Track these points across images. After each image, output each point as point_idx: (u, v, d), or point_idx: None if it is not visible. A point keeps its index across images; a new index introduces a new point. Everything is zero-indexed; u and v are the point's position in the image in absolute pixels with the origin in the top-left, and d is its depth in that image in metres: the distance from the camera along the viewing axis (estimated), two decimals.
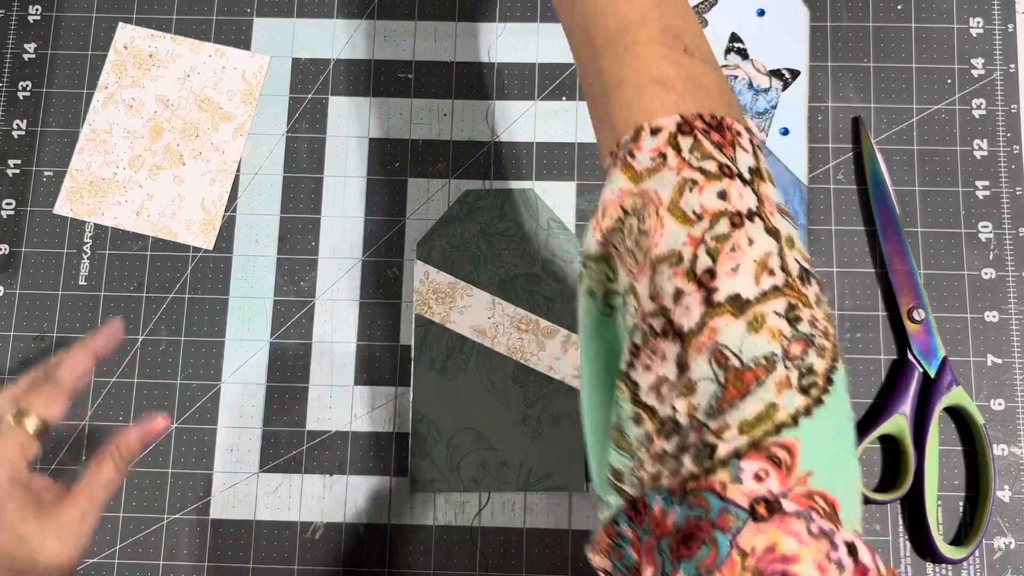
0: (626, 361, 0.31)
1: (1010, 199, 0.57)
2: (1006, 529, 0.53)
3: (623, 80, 0.34)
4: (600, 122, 0.35)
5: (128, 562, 0.54)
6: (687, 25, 0.35)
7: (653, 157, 0.31)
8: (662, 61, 0.33)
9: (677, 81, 0.33)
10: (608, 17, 0.35)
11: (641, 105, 0.33)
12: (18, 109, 0.60)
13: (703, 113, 0.32)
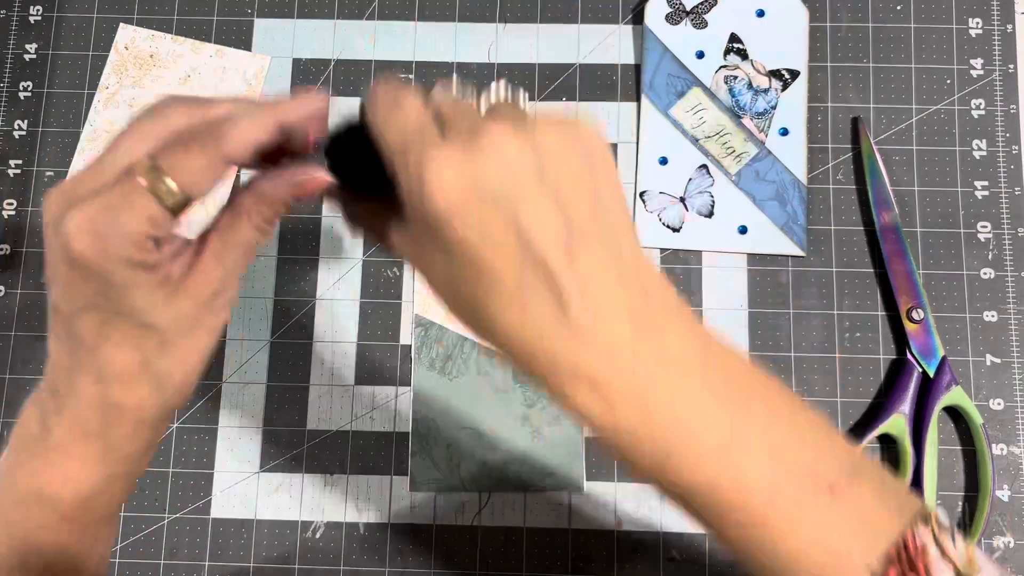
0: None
1: (1009, 199, 0.57)
2: (1005, 528, 0.53)
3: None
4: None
5: (129, 561, 0.54)
6: (834, 461, 0.30)
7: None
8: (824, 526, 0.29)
9: (852, 542, 0.29)
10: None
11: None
12: (19, 109, 0.60)
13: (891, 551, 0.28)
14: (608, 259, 0.29)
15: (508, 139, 0.28)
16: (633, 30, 0.60)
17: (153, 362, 0.31)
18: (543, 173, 0.28)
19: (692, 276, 0.57)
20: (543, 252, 0.28)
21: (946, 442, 0.55)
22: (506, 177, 0.28)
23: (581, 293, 0.28)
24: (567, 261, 0.28)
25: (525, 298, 0.28)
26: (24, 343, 0.57)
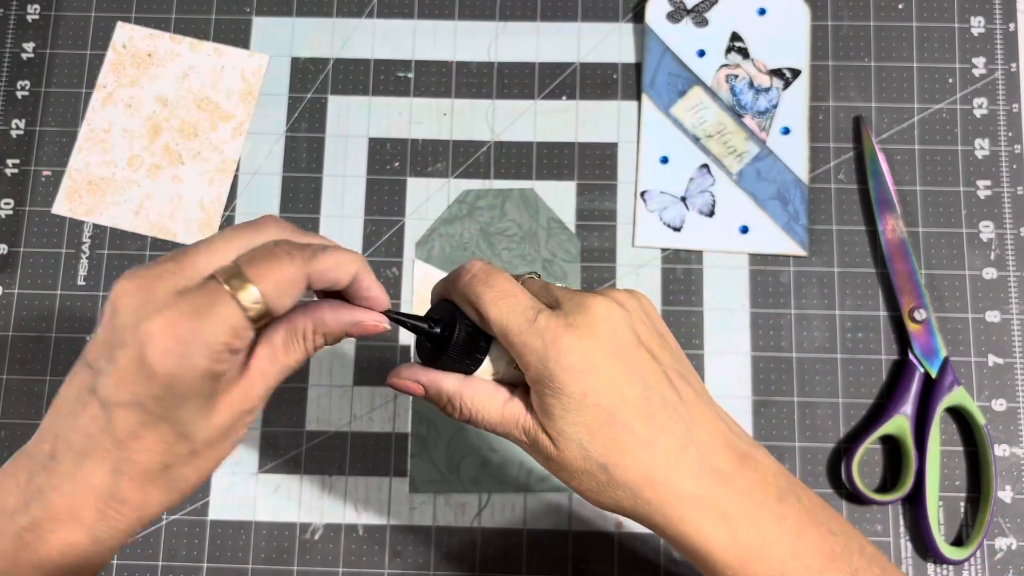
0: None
1: (1011, 199, 0.57)
2: (1008, 530, 0.53)
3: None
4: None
5: (127, 562, 0.54)
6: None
7: None
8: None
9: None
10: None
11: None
12: (16, 108, 0.60)
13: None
14: (699, 394, 0.35)
15: (613, 309, 0.34)
16: (634, 28, 0.60)
17: (175, 468, 0.31)
18: (637, 332, 0.35)
19: (693, 276, 0.57)
20: (663, 395, 0.34)
21: (948, 443, 0.54)
22: (618, 337, 0.34)
23: (698, 429, 0.34)
24: (679, 400, 0.34)
25: (654, 437, 0.33)
26: (21, 343, 0.57)
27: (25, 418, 0.56)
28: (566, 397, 0.33)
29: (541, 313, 0.34)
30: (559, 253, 0.57)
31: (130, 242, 0.58)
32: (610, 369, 0.33)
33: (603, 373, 0.33)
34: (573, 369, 0.33)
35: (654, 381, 0.34)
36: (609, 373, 0.33)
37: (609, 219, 0.57)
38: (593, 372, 0.33)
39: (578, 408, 0.33)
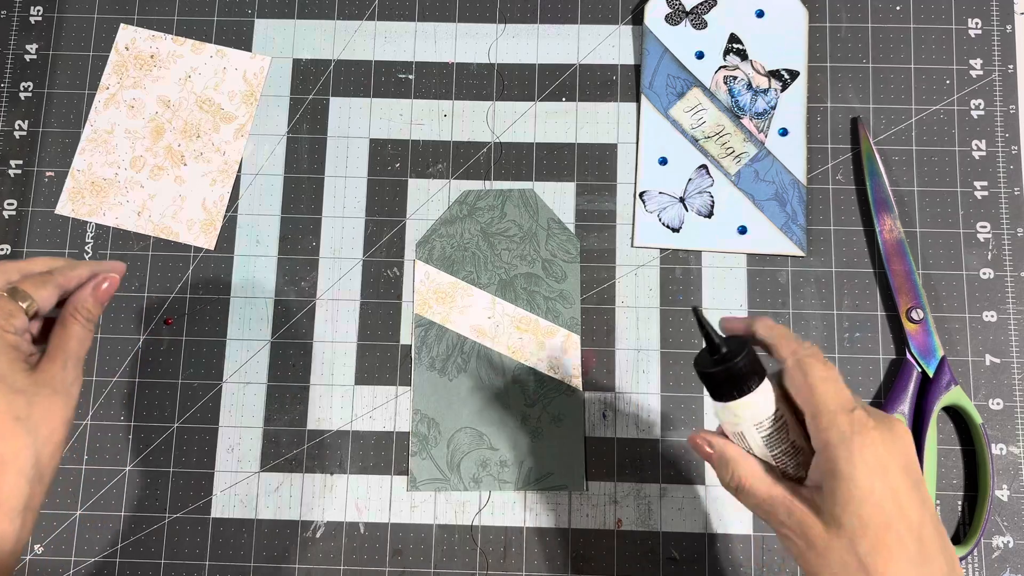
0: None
1: (1008, 199, 0.57)
2: (1004, 528, 0.53)
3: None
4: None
5: (129, 561, 0.54)
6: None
7: None
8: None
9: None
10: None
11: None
12: (20, 110, 0.60)
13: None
14: (935, 518, 0.38)
15: (908, 434, 0.38)
16: (633, 30, 0.60)
17: (23, 417, 0.40)
18: (917, 464, 0.38)
19: (692, 276, 0.57)
20: (935, 527, 0.37)
21: (945, 442, 0.55)
22: (909, 458, 0.37)
23: (955, 573, 0.37)
24: (944, 539, 0.37)
25: (924, 560, 0.36)
26: None
27: None
28: (854, 486, 0.36)
29: (857, 408, 0.38)
30: (559, 253, 0.57)
31: (133, 243, 0.58)
32: (899, 480, 0.37)
33: (892, 481, 0.36)
34: (869, 464, 0.36)
35: (929, 512, 0.37)
36: (897, 483, 0.36)
37: (608, 220, 0.58)
38: (884, 474, 0.36)
39: (861, 500, 0.36)
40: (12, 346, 0.42)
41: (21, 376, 0.41)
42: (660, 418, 0.55)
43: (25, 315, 0.43)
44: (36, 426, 0.41)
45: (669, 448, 0.55)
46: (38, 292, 0.43)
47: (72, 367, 0.43)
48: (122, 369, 0.57)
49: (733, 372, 0.39)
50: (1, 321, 0.42)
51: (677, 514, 0.54)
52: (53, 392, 0.42)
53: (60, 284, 0.44)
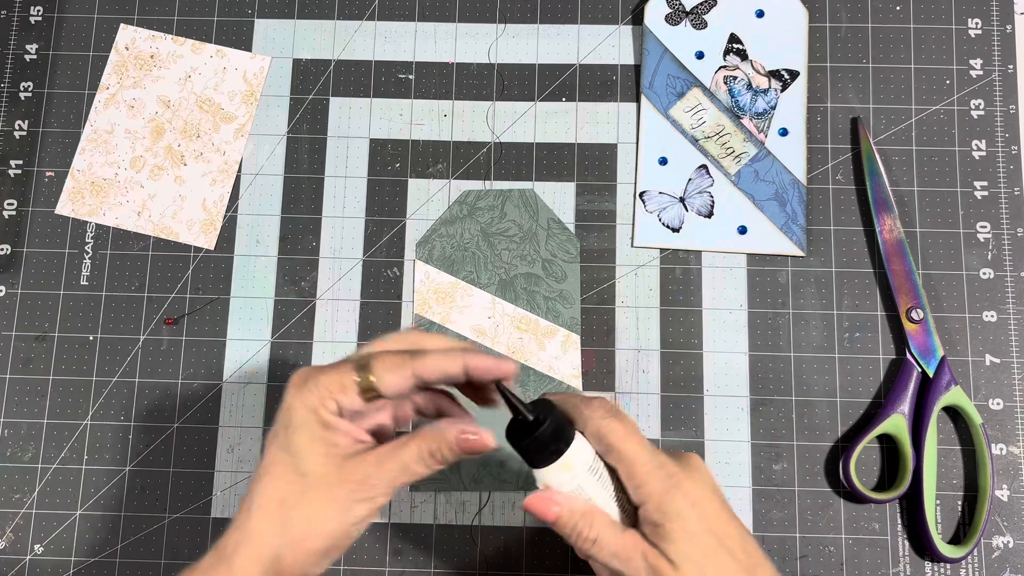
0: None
1: (1008, 199, 0.57)
2: (1004, 528, 0.53)
3: None
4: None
5: (129, 561, 0.54)
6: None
7: None
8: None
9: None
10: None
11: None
12: (20, 110, 0.60)
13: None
14: (746, 528, 0.41)
15: (700, 460, 0.42)
16: (633, 30, 0.60)
17: (288, 506, 0.37)
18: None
19: (692, 276, 0.57)
20: (751, 538, 0.40)
21: (945, 442, 0.55)
22: (713, 484, 0.41)
23: (759, 554, 0.40)
24: (760, 547, 0.41)
25: (753, 566, 0.39)
26: (24, 343, 0.57)
27: (28, 417, 0.56)
28: (689, 524, 0.38)
29: (661, 455, 0.40)
30: (559, 253, 0.57)
31: (133, 243, 0.58)
32: (718, 508, 0.40)
33: (713, 510, 0.39)
34: (695, 502, 0.39)
35: (741, 524, 0.41)
36: (717, 511, 0.40)
37: (608, 220, 0.58)
38: (709, 505, 0.39)
39: (696, 533, 0.38)
40: (323, 424, 0.38)
41: (316, 458, 0.37)
42: (660, 418, 0.55)
43: (360, 394, 0.38)
44: (292, 522, 0.37)
45: (668, 448, 0.55)
46: (386, 375, 0.38)
47: (375, 489, 0.38)
48: (122, 369, 0.57)
49: (546, 435, 0.39)
50: (326, 391, 0.37)
51: None
52: (331, 499, 0.37)
53: (417, 373, 0.38)
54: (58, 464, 0.56)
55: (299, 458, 0.37)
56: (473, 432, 0.39)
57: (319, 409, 0.38)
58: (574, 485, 0.40)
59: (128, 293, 0.58)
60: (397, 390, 0.38)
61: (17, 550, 0.55)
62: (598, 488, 0.40)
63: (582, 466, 0.40)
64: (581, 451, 0.40)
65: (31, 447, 0.56)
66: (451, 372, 0.39)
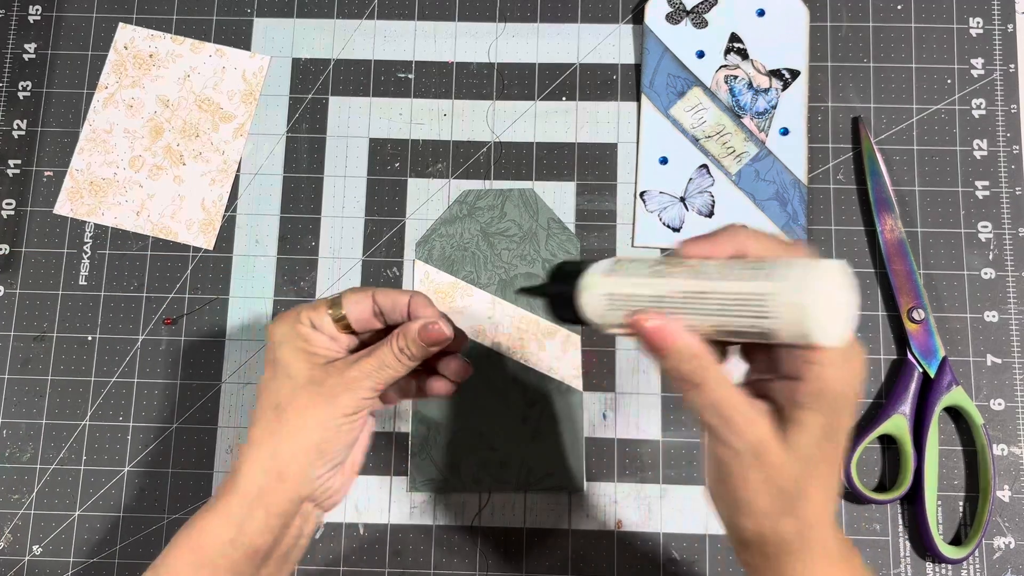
0: None
1: (1010, 199, 0.57)
2: (1006, 529, 0.53)
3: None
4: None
5: (128, 562, 0.54)
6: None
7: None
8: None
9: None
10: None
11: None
12: (18, 109, 0.60)
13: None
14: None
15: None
16: (633, 30, 0.60)
17: (281, 408, 0.41)
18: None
19: None
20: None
21: (947, 442, 0.54)
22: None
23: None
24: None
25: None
26: (24, 343, 0.57)
27: (27, 418, 0.56)
28: (818, 426, 0.34)
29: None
30: (559, 253, 0.57)
31: (132, 242, 0.58)
32: (847, 429, 0.36)
33: (845, 428, 0.36)
34: (841, 410, 0.35)
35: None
36: (846, 431, 0.36)
37: (609, 219, 0.58)
38: (846, 421, 0.35)
39: (822, 440, 0.34)
40: (301, 337, 0.42)
41: (300, 364, 0.41)
42: (660, 418, 0.55)
43: (331, 318, 0.42)
44: (285, 418, 0.41)
45: (669, 448, 0.55)
46: (351, 305, 0.43)
47: (356, 382, 0.41)
48: (121, 369, 0.57)
49: (556, 286, 0.39)
50: (302, 314, 0.42)
51: (677, 515, 0.54)
52: (318, 392, 0.41)
53: (378, 301, 0.43)
54: (57, 464, 0.56)
55: (286, 366, 0.41)
56: (432, 323, 0.42)
57: (296, 325, 0.42)
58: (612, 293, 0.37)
59: (127, 293, 0.58)
60: (361, 315, 0.43)
61: (16, 551, 0.55)
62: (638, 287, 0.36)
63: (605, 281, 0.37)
64: (590, 274, 0.37)
65: (30, 447, 0.56)
66: (399, 301, 0.43)
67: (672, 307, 0.35)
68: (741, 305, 0.33)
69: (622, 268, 0.37)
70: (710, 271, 0.34)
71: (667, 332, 0.34)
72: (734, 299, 0.33)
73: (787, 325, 0.32)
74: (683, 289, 0.34)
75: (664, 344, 0.35)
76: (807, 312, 0.31)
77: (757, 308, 0.32)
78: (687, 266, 0.35)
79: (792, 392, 0.34)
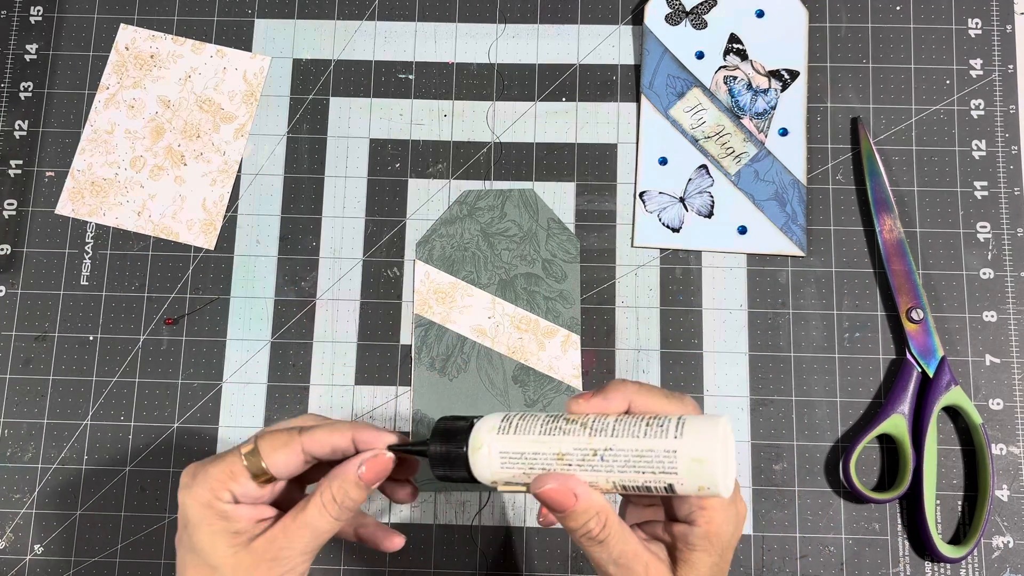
0: None
1: (1008, 199, 0.57)
2: (1004, 528, 0.53)
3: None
4: None
5: (129, 561, 0.54)
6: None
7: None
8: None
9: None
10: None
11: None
12: (20, 110, 0.60)
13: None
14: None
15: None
16: (633, 30, 0.60)
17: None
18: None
19: (692, 276, 0.57)
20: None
21: (945, 442, 0.55)
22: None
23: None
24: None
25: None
26: (25, 343, 0.57)
27: (28, 417, 0.56)
28: (707, 562, 0.38)
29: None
30: (559, 253, 0.57)
31: (133, 243, 0.58)
32: (727, 560, 0.40)
33: (726, 561, 0.39)
34: (724, 549, 0.38)
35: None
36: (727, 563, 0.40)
37: (608, 220, 0.58)
38: (728, 554, 0.39)
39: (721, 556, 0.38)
40: (220, 516, 0.37)
41: (222, 551, 0.37)
42: None
43: (252, 479, 0.38)
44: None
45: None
46: (272, 455, 0.37)
47: (291, 561, 0.37)
48: (122, 369, 0.57)
49: (439, 450, 0.38)
50: (216, 482, 0.37)
51: None
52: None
53: (306, 448, 0.38)
54: (58, 464, 0.56)
55: (206, 555, 0.37)
56: (375, 458, 0.38)
57: (213, 503, 0.37)
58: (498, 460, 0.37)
59: (128, 293, 0.58)
60: (287, 467, 0.38)
61: (17, 550, 0.55)
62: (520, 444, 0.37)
63: (489, 444, 0.37)
64: (480, 432, 0.37)
65: (31, 447, 0.56)
66: (340, 445, 0.38)
67: (571, 465, 0.36)
68: (645, 461, 0.34)
69: (511, 425, 0.37)
70: (607, 427, 0.36)
71: (570, 493, 0.35)
72: (637, 455, 0.35)
73: (690, 479, 0.34)
74: (583, 446, 0.35)
75: (567, 505, 0.35)
76: (711, 468, 0.34)
77: (660, 463, 0.34)
78: (581, 423, 0.36)
79: (685, 535, 0.37)
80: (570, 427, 0.36)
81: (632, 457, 0.35)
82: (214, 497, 0.37)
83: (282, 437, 0.38)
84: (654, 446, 0.34)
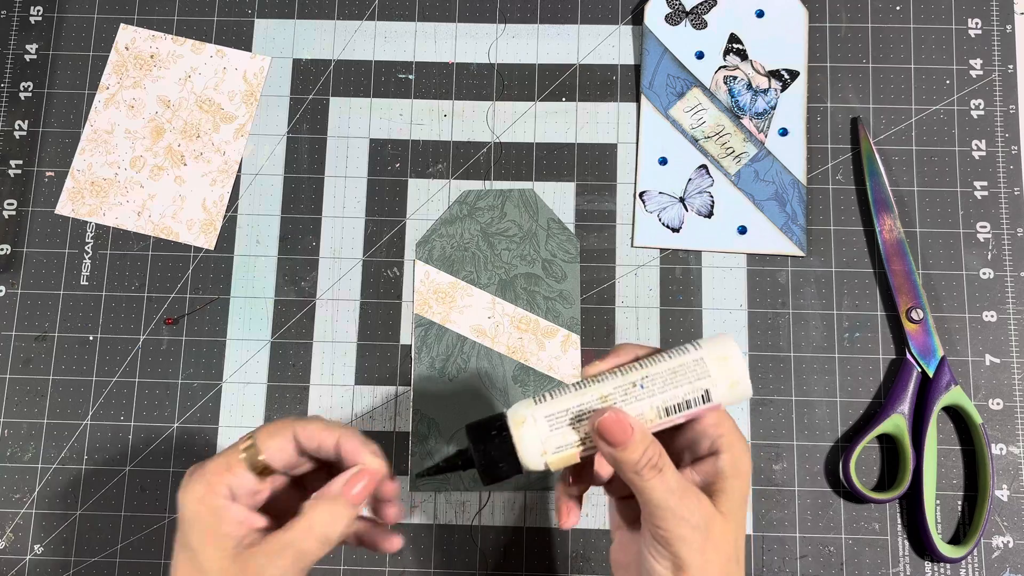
0: None
1: (1008, 199, 0.57)
2: (1004, 528, 0.53)
3: None
4: None
5: (129, 561, 0.54)
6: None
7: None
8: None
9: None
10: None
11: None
12: (20, 110, 0.60)
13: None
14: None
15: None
16: (633, 30, 0.60)
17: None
18: None
19: (692, 276, 0.57)
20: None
21: (945, 442, 0.55)
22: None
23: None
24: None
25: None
26: (25, 343, 0.57)
27: (28, 417, 0.56)
28: (739, 487, 0.39)
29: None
30: (559, 253, 0.57)
31: (133, 242, 0.58)
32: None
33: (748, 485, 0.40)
34: (746, 473, 0.40)
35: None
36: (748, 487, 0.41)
37: (608, 220, 0.58)
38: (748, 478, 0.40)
39: (740, 495, 0.39)
40: (212, 512, 0.37)
41: (211, 553, 0.36)
42: None
43: (250, 469, 0.38)
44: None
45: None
46: (268, 441, 0.38)
47: (285, 570, 0.36)
48: (122, 369, 0.57)
49: (484, 452, 0.38)
50: (212, 476, 0.37)
51: None
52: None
53: (298, 436, 0.38)
54: (58, 464, 0.56)
55: (196, 554, 0.37)
56: (362, 475, 0.38)
57: (207, 497, 0.37)
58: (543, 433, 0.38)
59: (128, 293, 0.58)
60: (282, 455, 0.38)
61: (17, 550, 0.55)
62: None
63: (539, 424, 0.38)
64: (519, 409, 0.38)
65: (31, 447, 0.56)
66: (326, 443, 0.39)
67: (616, 402, 0.38)
68: (680, 376, 0.38)
69: (544, 397, 0.39)
70: (635, 366, 0.39)
71: (627, 424, 0.37)
72: (671, 373, 0.38)
73: (721, 377, 0.38)
74: (622, 383, 0.38)
75: (626, 435, 0.37)
76: (735, 361, 0.38)
77: (693, 372, 0.38)
78: (609, 374, 0.39)
79: (715, 467, 0.38)
80: (600, 378, 0.39)
81: (668, 375, 0.38)
82: (209, 491, 0.37)
83: (277, 426, 0.39)
84: (683, 360, 0.38)
